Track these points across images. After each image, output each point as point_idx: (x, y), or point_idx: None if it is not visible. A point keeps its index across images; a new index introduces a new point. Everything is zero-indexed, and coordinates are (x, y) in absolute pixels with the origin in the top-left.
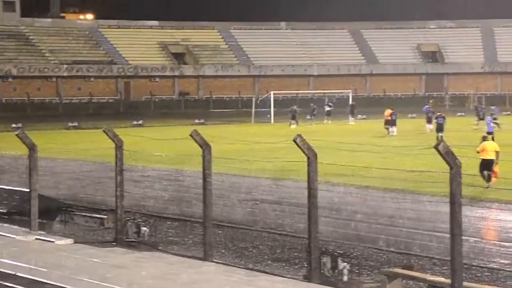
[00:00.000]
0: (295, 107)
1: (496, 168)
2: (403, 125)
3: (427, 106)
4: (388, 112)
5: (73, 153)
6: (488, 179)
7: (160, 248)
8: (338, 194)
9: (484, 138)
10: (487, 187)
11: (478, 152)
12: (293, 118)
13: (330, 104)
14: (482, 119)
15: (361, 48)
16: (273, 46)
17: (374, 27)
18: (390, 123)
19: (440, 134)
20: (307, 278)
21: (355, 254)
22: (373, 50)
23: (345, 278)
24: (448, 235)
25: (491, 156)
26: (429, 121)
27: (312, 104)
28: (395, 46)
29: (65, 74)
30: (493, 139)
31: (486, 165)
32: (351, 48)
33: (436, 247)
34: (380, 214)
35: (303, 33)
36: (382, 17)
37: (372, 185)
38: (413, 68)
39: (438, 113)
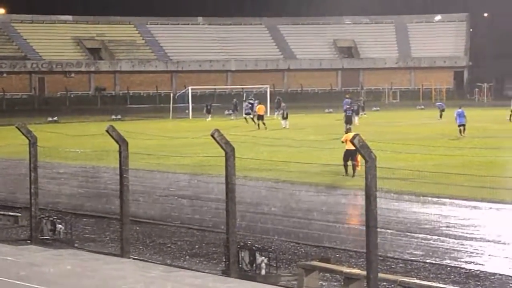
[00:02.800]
0: (209, 103)
1: (358, 158)
2: (319, 120)
3: (346, 100)
4: (260, 107)
5: None
6: (353, 168)
7: (76, 245)
8: (256, 188)
9: (348, 130)
10: (352, 176)
11: (342, 142)
12: (208, 112)
13: (252, 99)
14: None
15: (278, 43)
16: (190, 41)
17: (291, 22)
18: (261, 118)
19: (348, 126)
20: (226, 273)
21: (272, 248)
22: (290, 45)
23: (263, 272)
24: (363, 228)
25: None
26: (356, 113)
27: (234, 100)
28: (312, 42)
29: None
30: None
31: (350, 155)
32: (269, 43)
33: (352, 239)
34: (298, 208)
35: (220, 28)
36: (299, 12)
37: (289, 179)
38: (329, 63)
39: (348, 106)
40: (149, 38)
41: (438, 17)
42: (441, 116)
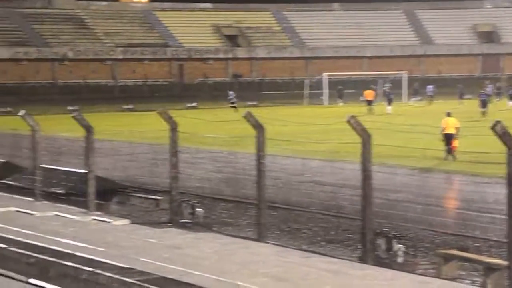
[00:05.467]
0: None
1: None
2: (459, 106)
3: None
4: (369, 93)
5: (128, 135)
6: (449, 152)
7: (214, 229)
8: (391, 175)
9: (448, 114)
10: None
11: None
12: (340, 97)
13: (388, 84)
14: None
15: (416, 28)
16: (326, 28)
17: (429, 7)
18: (370, 103)
19: (483, 109)
20: (362, 260)
21: (410, 236)
22: (428, 30)
23: (400, 259)
24: (504, 217)
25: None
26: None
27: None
28: (450, 27)
29: (120, 57)
30: None
31: (448, 139)
32: (405, 28)
33: (493, 229)
34: (435, 196)
35: (356, 14)
36: None
37: (427, 166)
38: (468, 48)
39: (482, 91)
40: (285, 24)
41: None
42: None
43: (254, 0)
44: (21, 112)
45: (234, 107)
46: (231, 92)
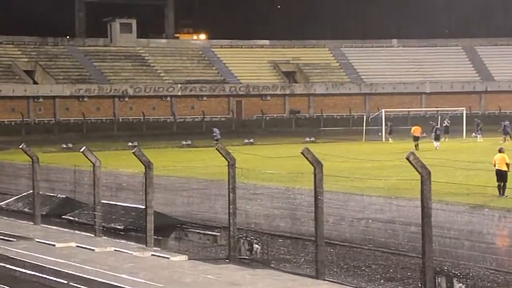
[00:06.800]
0: (389, 123)
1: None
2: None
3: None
4: (416, 129)
5: (187, 170)
6: (503, 188)
7: (272, 265)
8: (451, 213)
9: (500, 150)
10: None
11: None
12: (390, 133)
13: (448, 121)
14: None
15: (475, 65)
16: (384, 64)
17: (488, 43)
18: (417, 139)
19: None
20: None
21: (470, 275)
22: (488, 66)
23: None
24: None
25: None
26: None
27: (447, 120)
28: (511, 63)
29: (179, 93)
30: None
31: (500, 175)
32: (465, 65)
33: None
34: (496, 234)
35: (415, 50)
36: (497, 33)
37: (486, 204)
38: None
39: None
40: (343, 61)
41: None
42: None
43: (311, 36)
44: (82, 148)
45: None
46: (215, 129)
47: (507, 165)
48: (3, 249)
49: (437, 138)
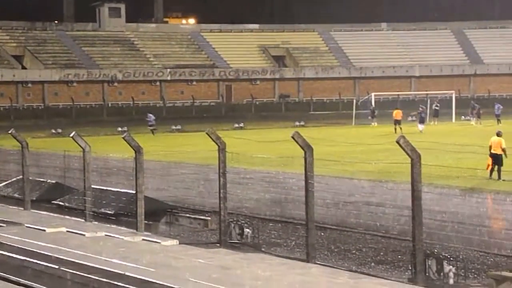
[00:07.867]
0: (372, 106)
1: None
2: (509, 126)
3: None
4: (397, 112)
5: (176, 155)
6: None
7: (263, 249)
8: (441, 196)
9: (498, 134)
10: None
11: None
12: (373, 116)
13: (437, 104)
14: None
15: (464, 48)
16: (374, 47)
17: (478, 26)
18: (398, 122)
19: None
20: (412, 281)
21: (460, 257)
22: (477, 50)
23: (451, 281)
24: None
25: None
26: None
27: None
28: (500, 46)
29: (169, 78)
30: None
31: (494, 158)
32: (454, 48)
33: None
34: (485, 216)
35: (404, 34)
36: (486, 16)
37: (477, 186)
38: None
39: None
40: (333, 45)
41: None
42: None
43: (301, 20)
44: (72, 133)
45: (154, 129)
46: (150, 115)
47: (503, 150)
48: None
49: (422, 121)
